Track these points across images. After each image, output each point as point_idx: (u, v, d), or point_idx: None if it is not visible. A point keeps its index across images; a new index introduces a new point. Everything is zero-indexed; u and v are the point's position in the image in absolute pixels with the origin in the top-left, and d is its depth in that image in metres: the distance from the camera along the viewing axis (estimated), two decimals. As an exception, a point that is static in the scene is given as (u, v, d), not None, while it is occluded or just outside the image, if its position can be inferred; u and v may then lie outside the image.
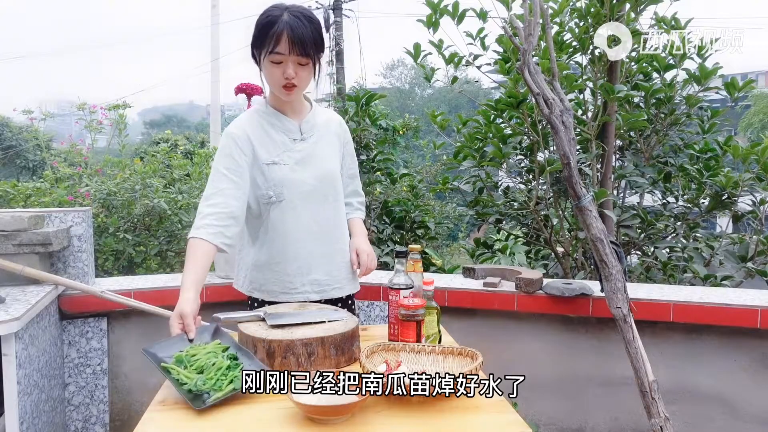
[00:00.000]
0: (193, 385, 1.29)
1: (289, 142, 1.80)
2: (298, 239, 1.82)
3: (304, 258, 1.83)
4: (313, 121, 1.86)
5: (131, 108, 4.40)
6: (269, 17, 1.64)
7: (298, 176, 1.79)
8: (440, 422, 1.22)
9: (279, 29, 1.61)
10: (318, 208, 1.83)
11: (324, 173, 1.84)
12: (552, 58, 2.27)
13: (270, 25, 1.62)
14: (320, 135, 1.87)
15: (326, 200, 1.85)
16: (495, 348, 2.44)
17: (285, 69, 1.66)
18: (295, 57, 1.64)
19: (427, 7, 3.15)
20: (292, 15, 1.63)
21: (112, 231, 3.51)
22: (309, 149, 1.83)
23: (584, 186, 2.15)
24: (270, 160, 1.77)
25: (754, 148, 3.17)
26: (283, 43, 1.62)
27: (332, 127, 1.92)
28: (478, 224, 5.17)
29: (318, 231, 1.84)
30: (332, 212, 1.88)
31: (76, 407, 2.50)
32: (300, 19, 1.63)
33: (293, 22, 1.62)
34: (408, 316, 1.53)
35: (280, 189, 1.78)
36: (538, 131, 3.05)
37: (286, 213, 1.80)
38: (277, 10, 1.65)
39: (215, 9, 10.82)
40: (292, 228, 1.80)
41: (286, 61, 1.65)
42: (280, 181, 1.77)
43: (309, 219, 1.82)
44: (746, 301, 2.23)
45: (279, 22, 1.62)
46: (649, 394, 1.90)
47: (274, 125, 1.80)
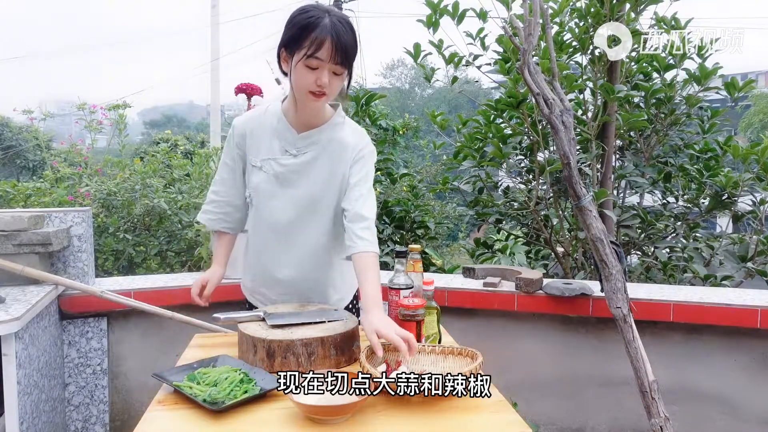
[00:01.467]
0: (207, 395, 1.27)
1: (279, 151, 1.70)
2: (261, 250, 1.80)
3: (267, 272, 1.79)
4: (317, 137, 1.69)
5: (131, 108, 4.39)
6: (312, 18, 1.50)
7: (270, 190, 1.71)
8: (440, 422, 1.22)
9: (323, 34, 1.48)
10: (285, 231, 1.73)
11: (303, 195, 1.70)
12: (552, 58, 2.27)
13: (312, 27, 1.49)
14: (317, 154, 1.69)
15: (294, 224, 1.72)
16: (495, 348, 2.45)
17: (320, 75, 1.52)
18: (333, 65, 1.52)
19: (427, 7, 3.15)
20: (336, 20, 1.51)
21: (112, 231, 3.51)
22: (296, 167, 1.69)
23: (584, 186, 2.15)
24: (256, 162, 1.72)
25: (754, 148, 3.17)
26: (326, 49, 1.49)
27: (336, 148, 1.70)
28: (478, 224, 5.17)
29: (280, 254, 1.76)
30: (302, 240, 1.74)
31: (76, 407, 2.50)
32: (344, 25, 1.51)
33: (339, 29, 1.49)
34: (408, 316, 1.53)
35: (254, 194, 1.75)
36: (538, 131, 3.05)
37: (257, 220, 1.78)
38: (318, 11, 1.51)
39: (215, 9, 10.81)
40: (261, 234, 1.79)
41: (322, 68, 1.52)
42: (255, 186, 1.73)
43: (274, 238, 1.75)
44: (746, 301, 2.23)
45: (323, 26, 1.48)
46: (649, 394, 1.90)
47: (276, 129, 1.72)
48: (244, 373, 1.37)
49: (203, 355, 1.54)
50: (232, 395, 1.28)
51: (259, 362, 1.47)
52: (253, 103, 2.57)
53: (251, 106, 2.55)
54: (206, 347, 1.67)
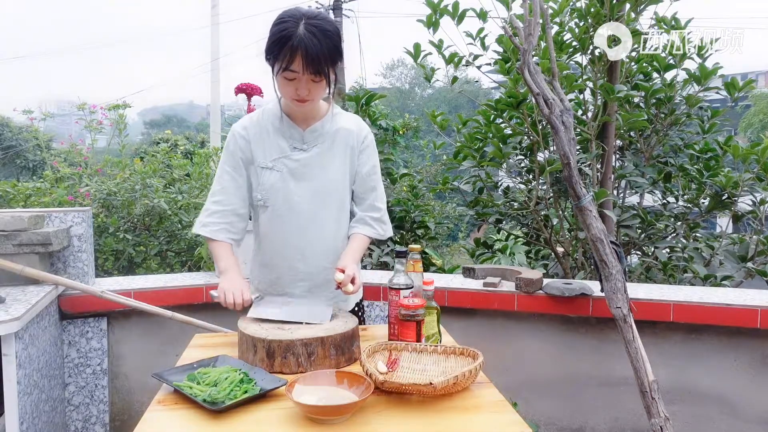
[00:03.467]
0: (207, 396, 1.27)
1: (288, 148, 1.73)
2: (280, 251, 1.78)
3: (285, 271, 1.79)
4: (321, 129, 1.74)
5: (131, 108, 4.39)
6: (284, 31, 1.52)
7: (288, 186, 1.73)
8: (440, 422, 1.22)
9: (293, 46, 1.50)
10: (306, 223, 1.75)
11: (320, 187, 1.74)
12: (552, 58, 2.27)
13: (284, 41, 1.51)
14: (326, 145, 1.75)
15: (316, 216, 1.75)
16: (495, 348, 2.45)
17: (298, 86, 1.58)
18: (308, 75, 1.56)
19: (427, 7, 3.15)
20: (308, 29, 1.51)
21: (112, 231, 3.51)
22: (308, 160, 1.73)
23: (584, 186, 2.15)
24: (265, 164, 1.73)
25: (754, 148, 3.17)
26: (297, 62, 1.52)
27: (343, 136, 1.77)
28: (478, 224, 5.17)
29: (303, 246, 1.76)
30: (321, 230, 1.76)
31: (76, 407, 2.50)
32: (315, 35, 1.51)
33: (308, 41, 1.50)
34: (408, 316, 1.53)
35: (268, 195, 1.75)
36: (538, 131, 3.05)
37: (273, 221, 1.77)
38: (292, 22, 1.52)
39: (215, 9, 10.82)
40: (277, 237, 1.78)
41: (299, 78, 1.56)
42: (269, 188, 1.73)
43: (294, 232, 1.75)
44: (746, 301, 2.23)
45: (294, 37, 1.50)
46: (649, 394, 1.90)
47: (279, 129, 1.74)
48: (244, 373, 1.37)
49: (203, 355, 1.54)
50: (232, 395, 1.28)
51: (259, 362, 1.47)
52: (253, 104, 2.57)
53: (251, 106, 2.56)
54: (206, 347, 1.67)
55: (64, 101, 36.50)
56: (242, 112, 1.99)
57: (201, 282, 2.63)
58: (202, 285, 2.60)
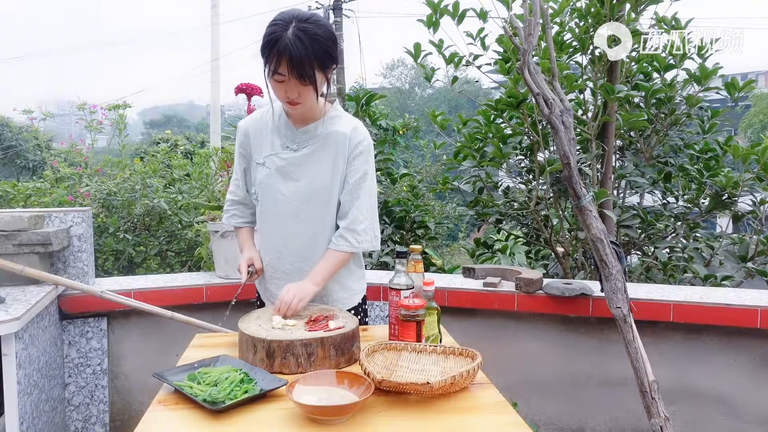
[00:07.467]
0: (207, 395, 1.27)
1: (279, 147, 1.76)
2: (265, 245, 1.86)
3: (267, 266, 1.86)
4: (314, 131, 1.74)
5: (131, 108, 4.39)
6: (272, 34, 1.52)
7: (273, 184, 1.76)
8: (440, 422, 1.22)
9: (279, 52, 1.51)
10: (287, 222, 1.77)
11: (304, 188, 1.74)
12: (552, 58, 2.27)
13: (272, 44, 1.52)
14: (316, 147, 1.74)
15: (296, 217, 1.75)
16: (495, 348, 2.45)
17: (287, 89, 1.59)
18: (295, 80, 1.56)
19: (427, 7, 3.15)
20: (296, 34, 1.51)
21: (112, 231, 3.51)
22: (295, 159, 1.74)
23: (584, 186, 2.15)
24: (260, 160, 1.80)
25: (754, 148, 3.17)
26: (283, 67, 1.53)
27: (335, 140, 1.74)
28: (478, 224, 5.17)
29: (282, 246, 1.80)
30: (300, 230, 1.77)
31: (76, 407, 2.50)
32: (301, 39, 1.51)
33: (292, 46, 1.50)
34: (408, 317, 1.53)
35: (259, 190, 1.81)
36: (538, 131, 3.05)
37: (262, 215, 1.84)
38: (281, 25, 1.53)
39: (215, 9, 10.80)
40: (264, 231, 1.86)
41: (287, 82, 1.57)
42: (260, 183, 1.80)
43: (276, 229, 1.80)
44: (746, 301, 2.23)
45: (280, 41, 1.50)
46: (649, 394, 1.90)
47: (277, 127, 1.79)
48: (245, 373, 1.37)
49: (203, 355, 1.54)
50: (232, 395, 1.28)
51: (259, 362, 1.47)
52: (253, 104, 2.57)
53: (251, 106, 2.55)
54: (206, 347, 1.68)
55: (64, 101, 36.53)
56: (242, 112, 2.01)
57: (201, 282, 2.63)
58: (202, 285, 2.60)
